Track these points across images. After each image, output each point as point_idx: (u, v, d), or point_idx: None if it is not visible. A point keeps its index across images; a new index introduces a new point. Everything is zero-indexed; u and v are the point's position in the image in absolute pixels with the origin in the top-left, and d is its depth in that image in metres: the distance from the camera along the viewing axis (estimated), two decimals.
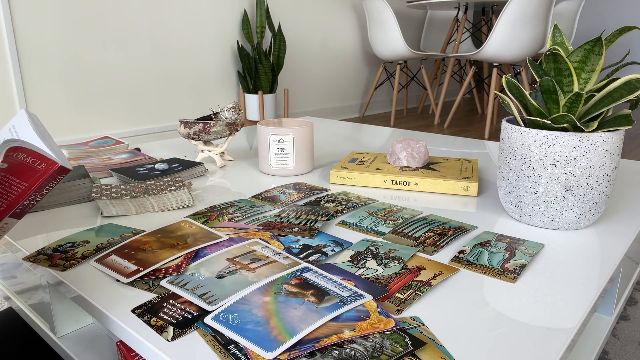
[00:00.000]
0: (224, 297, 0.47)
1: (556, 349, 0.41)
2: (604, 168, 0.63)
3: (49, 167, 0.40)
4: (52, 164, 0.40)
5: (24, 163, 0.38)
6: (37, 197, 0.43)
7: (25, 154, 0.38)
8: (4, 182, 0.39)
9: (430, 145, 1.20)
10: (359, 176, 0.87)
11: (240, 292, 0.48)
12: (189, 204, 0.77)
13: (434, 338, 0.42)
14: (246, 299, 0.46)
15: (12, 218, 0.43)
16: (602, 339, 0.74)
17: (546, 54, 0.63)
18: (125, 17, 2.36)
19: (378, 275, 0.53)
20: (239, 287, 0.49)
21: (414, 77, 3.92)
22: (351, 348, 0.40)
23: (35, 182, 0.40)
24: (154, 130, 2.57)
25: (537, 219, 0.67)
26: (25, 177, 0.40)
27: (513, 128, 0.67)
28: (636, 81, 0.59)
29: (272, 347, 0.39)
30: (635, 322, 0.90)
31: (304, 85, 3.36)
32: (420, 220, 0.69)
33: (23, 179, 0.40)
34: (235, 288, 0.49)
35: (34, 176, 0.40)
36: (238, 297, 0.47)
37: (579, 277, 0.54)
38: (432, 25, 3.99)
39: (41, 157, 0.39)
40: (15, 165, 0.38)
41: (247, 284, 0.50)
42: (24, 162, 0.38)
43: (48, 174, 0.41)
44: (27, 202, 0.43)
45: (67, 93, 2.22)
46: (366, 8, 3.29)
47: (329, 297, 0.46)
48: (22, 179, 0.40)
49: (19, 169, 0.39)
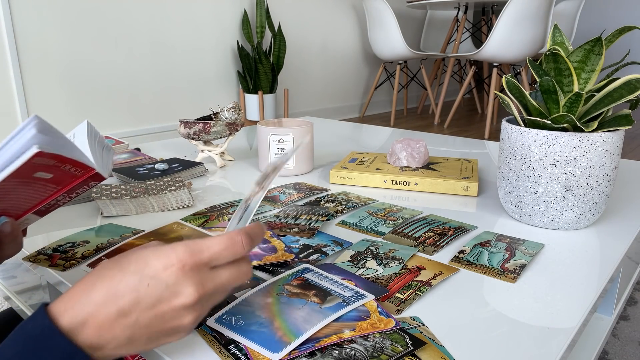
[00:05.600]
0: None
1: (556, 349, 0.41)
2: (604, 168, 0.63)
3: (86, 173, 0.40)
4: (89, 170, 0.39)
5: (67, 172, 0.38)
6: (65, 199, 0.43)
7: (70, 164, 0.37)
8: (41, 187, 0.38)
9: (430, 145, 1.20)
10: (359, 176, 0.87)
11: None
12: (189, 204, 0.77)
13: (434, 338, 0.42)
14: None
15: (35, 215, 0.43)
16: (602, 339, 0.74)
17: (546, 54, 0.63)
18: (126, 17, 2.36)
19: (378, 275, 0.53)
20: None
21: (414, 77, 3.92)
22: (351, 348, 0.40)
23: (67, 185, 0.40)
24: (154, 130, 2.57)
25: (537, 219, 0.67)
26: (63, 182, 0.39)
27: (513, 128, 0.67)
28: (636, 81, 0.59)
29: (277, 348, 0.39)
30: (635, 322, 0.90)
31: (304, 85, 3.36)
32: (420, 220, 0.69)
33: (60, 184, 0.39)
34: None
35: (68, 180, 0.40)
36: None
37: (579, 277, 0.54)
38: (432, 25, 3.99)
39: (81, 165, 0.38)
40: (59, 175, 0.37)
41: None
42: (67, 172, 0.38)
43: (83, 179, 0.40)
44: (54, 202, 0.42)
45: (67, 93, 2.22)
46: (366, 8, 3.29)
47: (331, 297, 0.46)
48: (59, 184, 0.39)
49: (61, 177, 0.38)
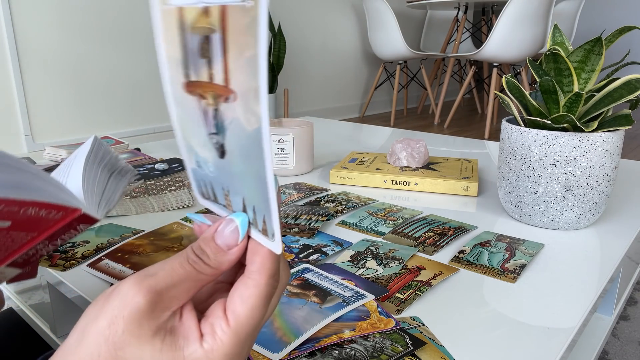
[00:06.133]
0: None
1: (556, 349, 0.41)
2: (604, 168, 0.63)
3: (67, 215, 0.31)
4: (71, 211, 0.30)
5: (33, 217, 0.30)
6: (47, 247, 0.34)
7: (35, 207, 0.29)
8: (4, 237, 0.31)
9: (430, 145, 1.20)
10: (359, 176, 0.87)
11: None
12: (189, 204, 0.77)
13: (434, 338, 0.42)
14: None
15: (11, 267, 0.34)
16: (602, 339, 0.74)
17: (546, 54, 0.63)
18: (126, 17, 2.36)
19: (378, 275, 0.53)
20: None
21: (414, 77, 3.92)
22: (351, 348, 0.40)
23: (44, 231, 0.31)
24: (154, 130, 2.57)
25: (537, 219, 0.67)
26: (33, 228, 0.31)
27: (513, 128, 0.67)
28: (636, 81, 0.59)
29: (277, 348, 0.39)
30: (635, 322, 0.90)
31: (304, 85, 3.36)
32: (420, 220, 0.69)
33: (30, 231, 0.31)
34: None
35: (44, 226, 0.31)
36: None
37: (579, 277, 0.54)
38: (432, 25, 3.99)
39: (56, 206, 0.30)
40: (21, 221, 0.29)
41: None
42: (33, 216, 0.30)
43: (63, 223, 0.31)
44: (32, 252, 0.34)
45: (67, 93, 2.22)
46: (366, 8, 3.29)
47: (331, 297, 0.46)
48: (28, 231, 0.31)
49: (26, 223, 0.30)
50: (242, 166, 0.24)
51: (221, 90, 0.23)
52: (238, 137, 0.23)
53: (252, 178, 0.24)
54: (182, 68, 0.24)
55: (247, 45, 0.21)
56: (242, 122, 0.23)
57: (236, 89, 0.22)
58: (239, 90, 0.22)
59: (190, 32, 0.23)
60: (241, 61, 0.21)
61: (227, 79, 0.22)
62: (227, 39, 0.21)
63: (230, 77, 0.22)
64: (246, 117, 0.22)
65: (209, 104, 0.24)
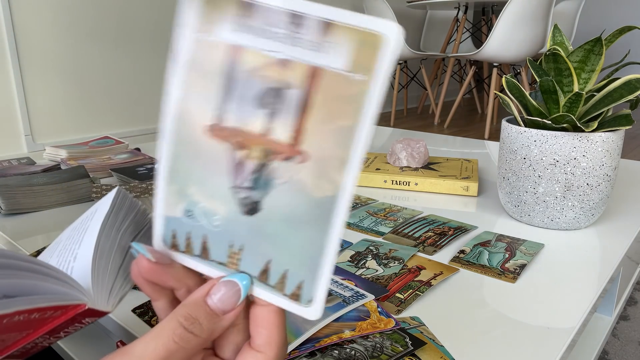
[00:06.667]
0: None
1: (556, 349, 0.41)
2: (604, 168, 0.63)
3: (67, 313, 0.27)
4: (72, 308, 0.27)
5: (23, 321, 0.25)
6: (48, 340, 0.30)
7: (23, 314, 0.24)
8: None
9: (430, 145, 1.20)
10: (359, 176, 0.87)
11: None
12: None
13: (434, 338, 0.42)
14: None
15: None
16: (602, 339, 0.74)
17: (546, 54, 0.63)
18: (126, 17, 2.36)
19: (378, 275, 0.53)
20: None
21: (414, 77, 3.92)
22: (351, 348, 0.40)
23: (39, 328, 0.28)
24: (154, 130, 2.57)
25: (537, 219, 0.67)
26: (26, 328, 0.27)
27: (513, 128, 0.67)
28: (636, 81, 0.59)
29: None
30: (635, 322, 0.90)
31: None
32: (420, 220, 0.69)
33: (22, 330, 0.27)
34: None
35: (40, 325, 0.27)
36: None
37: (579, 277, 0.54)
38: (432, 25, 3.99)
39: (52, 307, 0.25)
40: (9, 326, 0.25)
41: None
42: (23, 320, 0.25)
43: (64, 319, 0.27)
44: (30, 346, 0.30)
45: (67, 93, 2.22)
46: (366, 8, 3.29)
47: (331, 297, 0.46)
48: (20, 331, 0.27)
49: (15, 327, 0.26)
50: (285, 230, 0.22)
51: (282, 148, 0.21)
52: (291, 200, 0.21)
53: (298, 243, 0.22)
54: (213, 109, 0.22)
55: (343, 114, 0.20)
56: (308, 187, 0.21)
57: (310, 152, 0.21)
58: (314, 154, 0.21)
59: (248, 77, 0.21)
60: (329, 127, 0.20)
61: (298, 139, 0.21)
62: (312, 101, 0.20)
63: (304, 138, 0.21)
64: (317, 183, 0.21)
65: (252, 157, 0.22)
